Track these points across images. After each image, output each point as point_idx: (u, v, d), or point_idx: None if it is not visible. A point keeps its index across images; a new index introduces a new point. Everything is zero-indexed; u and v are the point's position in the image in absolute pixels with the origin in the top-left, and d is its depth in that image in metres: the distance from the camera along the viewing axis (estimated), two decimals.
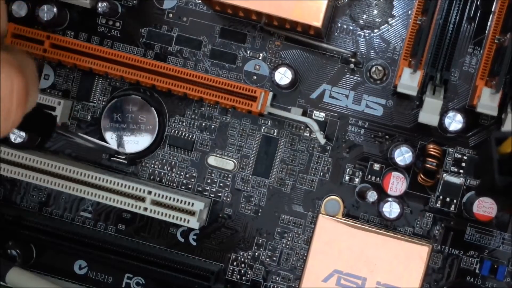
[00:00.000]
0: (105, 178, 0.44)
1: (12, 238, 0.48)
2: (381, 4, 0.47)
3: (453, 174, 0.47)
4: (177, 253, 0.49)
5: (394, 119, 0.47)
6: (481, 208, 0.45)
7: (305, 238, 0.48)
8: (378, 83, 0.47)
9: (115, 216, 0.49)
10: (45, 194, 0.50)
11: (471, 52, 0.46)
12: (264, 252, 0.48)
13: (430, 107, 0.43)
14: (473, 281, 0.47)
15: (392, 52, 0.46)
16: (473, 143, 0.46)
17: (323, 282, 0.44)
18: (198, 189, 0.48)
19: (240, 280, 0.48)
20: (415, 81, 0.42)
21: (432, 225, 0.47)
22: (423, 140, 0.47)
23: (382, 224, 0.47)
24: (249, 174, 0.48)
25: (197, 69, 0.48)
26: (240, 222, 0.48)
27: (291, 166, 0.48)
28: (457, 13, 0.43)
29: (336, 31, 0.47)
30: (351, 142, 0.47)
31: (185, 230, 0.49)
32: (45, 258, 0.49)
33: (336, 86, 0.47)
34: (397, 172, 0.46)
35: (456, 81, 0.46)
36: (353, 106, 0.47)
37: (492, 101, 0.42)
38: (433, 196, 0.47)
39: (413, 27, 0.44)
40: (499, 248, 0.47)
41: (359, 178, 0.47)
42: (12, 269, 0.45)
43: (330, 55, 0.47)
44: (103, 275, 0.49)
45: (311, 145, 0.47)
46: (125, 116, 0.47)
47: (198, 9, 0.48)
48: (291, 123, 0.48)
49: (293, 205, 0.48)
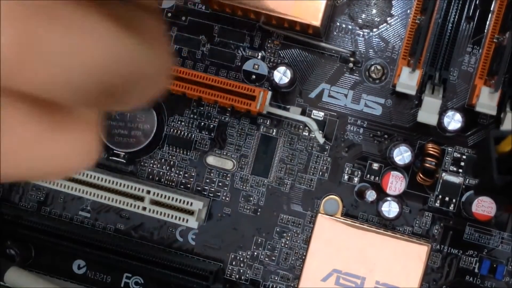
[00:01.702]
0: (103, 177, 0.44)
1: (11, 237, 0.48)
2: (380, 3, 0.47)
3: (452, 173, 0.47)
4: (175, 252, 0.49)
5: (393, 118, 0.47)
6: (480, 208, 0.45)
7: (304, 238, 0.48)
8: (377, 82, 0.47)
9: (114, 215, 0.49)
10: (43, 193, 0.50)
11: (470, 51, 0.46)
12: (263, 251, 0.48)
13: (429, 106, 0.43)
14: (472, 280, 0.47)
15: (391, 52, 0.46)
16: (472, 143, 0.46)
17: (322, 281, 0.44)
18: (197, 188, 0.48)
19: (239, 280, 0.48)
20: (414, 80, 0.42)
21: (431, 225, 0.47)
22: (422, 140, 0.47)
23: (381, 224, 0.47)
24: (248, 173, 0.48)
25: (196, 68, 0.48)
26: (239, 221, 0.48)
27: (290, 165, 0.48)
28: (456, 13, 0.43)
29: (335, 31, 0.47)
30: (350, 142, 0.47)
31: (184, 229, 0.49)
32: (43, 257, 0.49)
33: (335, 85, 0.47)
34: (396, 171, 0.46)
35: (455, 80, 0.46)
36: (352, 106, 0.47)
37: (491, 100, 0.42)
38: (432, 196, 0.47)
39: (412, 26, 0.44)
40: (498, 248, 0.47)
41: (358, 178, 0.47)
42: (11, 268, 0.45)
43: (329, 55, 0.47)
44: (101, 275, 0.49)
45: (310, 144, 0.47)
46: (123, 115, 0.47)
47: (197, 8, 0.48)
48: (290, 123, 0.47)
49: (292, 204, 0.48)
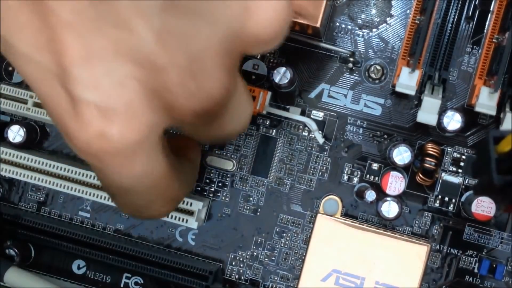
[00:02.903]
0: None
1: (10, 237, 0.48)
2: (379, 3, 0.47)
3: (452, 173, 0.47)
4: (175, 252, 0.49)
5: (392, 118, 0.47)
6: (480, 208, 0.45)
7: (303, 238, 0.48)
8: (376, 82, 0.47)
9: (114, 215, 0.49)
10: (43, 193, 0.50)
11: (469, 52, 0.46)
12: (263, 251, 0.48)
13: (429, 106, 0.43)
14: (472, 280, 0.47)
15: (391, 52, 0.46)
16: (472, 143, 0.46)
17: (321, 281, 0.44)
18: (196, 188, 0.48)
19: (238, 280, 0.48)
20: (413, 81, 0.42)
21: (430, 225, 0.47)
22: (421, 140, 0.47)
23: (380, 224, 0.47)
24: (247, 173, 0.48)
25: None
26: (239, 221, 0.48)
27: (290, 165, 0.48)
28: (455, 13, 0.43)
29: (335, 31, 0.47)
30: (350, 142, 0.47)
31: (184, 229, 0.49)
32: (43, 257, 0.49)
33: (335, 85, 0.47)
34: (395, 171, 0.46)
35: (455, 81, 0.46)
36: (351, 106, 0.47)
37: (491, 101, 0.42)
38: (431, 196, 0.47)
39: (412, 26, 0.44)
40: (498, 248, 0.47)
41: (357, 178, 0.47)
42: (11, 268, 0.45)
43: (328, 55, 0.47)
44: (101, 275, 0.49)
45: (309, 144, 0.47)
46: None
47: None
48: (290, 123, 0.47)
49: (292, 204, 0.48)
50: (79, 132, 0.24)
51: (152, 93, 0.25)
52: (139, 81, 0.24)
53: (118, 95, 0.24)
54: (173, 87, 0.24)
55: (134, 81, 0.24)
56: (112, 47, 0.23)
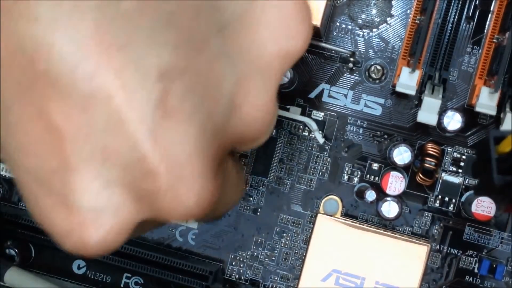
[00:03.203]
0: None
1: (11, 237, 0.48)
2: (379, 3, 0.47)
3: (452, 173, 0.47)
4: (175, 252, 0.49)
5: (392, 118, 0.47)
6: (480, 208, 0.45)
7: (304, 238, 0.48)
8: (376, 82, 0.47)
9: None
10: None
11: (469, 52, 0.46)
12: (263, 251, 0.48)
13: (429, 106, 0.43)
14: (472, 280, 0.47)
15: (391, 52, 0.46)
16: (472, 143, 0.46)
17: (321, 281, 0.44)
18: None
19: (238, 280, 0.48)
20: (413, 81, 0.43)
21: (430, 225, 0.47)
22: (421, 140, 0.47)
23: (380, 224, 0.47)
24: (247, 173, 0.48)
25: None
26: (239, 221, 0.48)
27: (290, 165, 0.48)
28: (455, 13, 0.43)
29: (335, 31, 0.47)
30: (350, 142, 0.47)
31: (184, 229, 0.49)
32: (43, 257, 0.49)
33: (335, 85, 0.47)
34: (395, 171, 0.46)
35: (455, 81, 0.46)
36: (351, 106, 0.47)
37: (491, 101, 0.42)
38: (431, 196, 0.47)
39: (412, 26, 0.44)
40: (498, 248, 0.47)
41: (357, 178, 0.47)
42: (11, 268, 0.45)
43: (328, 55, 0.47)
44: (101, 275, 0.49)
45: (309, 144, 0.47)
46: None
47: None
48: (290, 123, 0.47)
49: (292, 204, 0.48)
50: (67, 237, 0.26)
51: (139, 198, 0.24)
52: (126, 185, 0.24)
53: (105, 199, 0.24)
54: (161, 192, 0.24)
55: (121, 186, 0.24)
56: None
